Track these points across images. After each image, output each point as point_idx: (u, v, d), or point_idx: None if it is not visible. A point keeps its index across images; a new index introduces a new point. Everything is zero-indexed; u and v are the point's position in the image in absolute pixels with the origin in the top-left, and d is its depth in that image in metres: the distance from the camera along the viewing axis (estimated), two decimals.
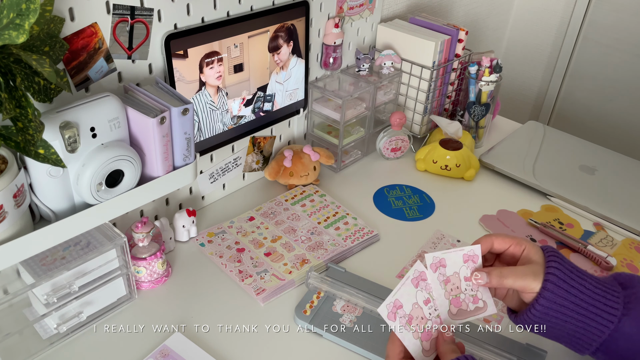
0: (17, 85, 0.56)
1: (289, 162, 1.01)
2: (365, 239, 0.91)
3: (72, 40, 0.69)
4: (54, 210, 0.68)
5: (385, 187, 1.06)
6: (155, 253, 0.78)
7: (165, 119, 0.70)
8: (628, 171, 1.11)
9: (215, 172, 0.96)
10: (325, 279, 0.79)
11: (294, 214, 0.96)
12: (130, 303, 0.78)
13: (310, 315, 0.76)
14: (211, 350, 0.72)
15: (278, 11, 0.90)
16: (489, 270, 0.63)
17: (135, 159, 0.70)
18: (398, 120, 1.08)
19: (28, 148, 0.58)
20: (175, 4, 0.78)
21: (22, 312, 0.72)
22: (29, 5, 0.51)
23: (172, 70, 0.79)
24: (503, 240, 0.66)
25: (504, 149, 1.16)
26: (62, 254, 0.70)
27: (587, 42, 1.64)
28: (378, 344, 0.72)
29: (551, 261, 0.63)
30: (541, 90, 1.80)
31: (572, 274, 0.62)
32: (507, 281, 0.62)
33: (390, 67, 1.10)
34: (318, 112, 1.07)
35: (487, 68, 1.11)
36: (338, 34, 1.03)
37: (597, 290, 0.62)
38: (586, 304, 0.61)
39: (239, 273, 0.83)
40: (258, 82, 0.93)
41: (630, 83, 1.60)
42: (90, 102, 0.66)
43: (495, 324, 0.77)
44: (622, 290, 0.63)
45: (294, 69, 0.97)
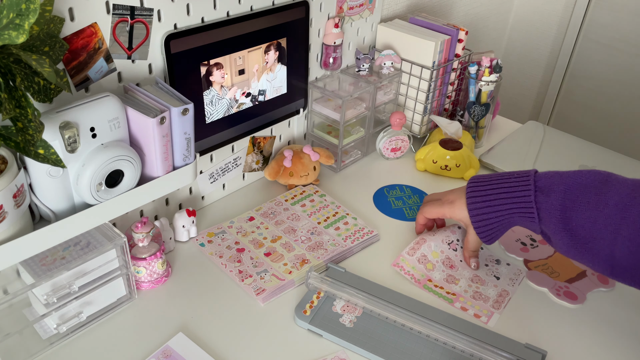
0: (17, 85, 0.56)
1: (289, 162, 1.01)
2: (365, 239, 0.91)
3: (72, 40, 0.69)
4: (54, 210, 0.68)
5: (385, 187, 1.06)
6: (155, 253, 0.78)
7: (165, 119, 0.70)
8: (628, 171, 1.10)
9: (215, 172, 0.96)
10: (325, 279, 0.79)
11: (294, 214, 0.96)
12: (130, 303, 0.78)
13: (310, 316, 0.76)
14: (210, 350, 0.72)
15: (278, 11, 0.90)
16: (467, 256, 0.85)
17: (135, 159, 0.70)
18: (398, 120, 1.08)
19: (28, 148, 0.58)
20: (175, 4, 0.78)
21: (22, 312, 0.72)
22: (29, 5, 0.51)
23: (172, 70, 0.79)
24: (430, 213, 0.87)
25: (504, 149, 1.16)
26: (62, 254, 0.70)
27: (587, 42, 1.64)
28: (378, 344, 0.72)
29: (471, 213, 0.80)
30: (541, 90, 1.80)
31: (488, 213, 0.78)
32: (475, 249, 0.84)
33: (390, 67, 1.10)
34: (318, 112, 1.07)
35: (487, 68, 1.11)
36: (338, 34, 1.03)
37: (513, 209, 0.76)
38: (512, 219, 0.77)
39: (239, 273, 0.83)
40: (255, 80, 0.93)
41: (630, 83, 1.60)
42: (90, 102, 0.66)
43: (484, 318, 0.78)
44: (535, 194, 0.75)
45: (278, 72, 0.98)
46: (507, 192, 0.77)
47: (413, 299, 0.79)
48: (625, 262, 0.68)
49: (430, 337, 0.73)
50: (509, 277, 0.84)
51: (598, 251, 0.70)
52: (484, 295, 0.81)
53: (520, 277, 0.84)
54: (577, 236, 0.71)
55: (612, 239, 0.68)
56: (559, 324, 0.78)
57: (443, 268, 0.84)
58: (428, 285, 0.82)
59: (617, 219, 0.68)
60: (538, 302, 0.81)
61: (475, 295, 0.81)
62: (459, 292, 0.81)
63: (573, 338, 0.76)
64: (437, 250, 0.86)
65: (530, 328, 0.77)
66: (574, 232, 0.71)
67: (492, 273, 0.84)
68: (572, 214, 0.71)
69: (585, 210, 0.70)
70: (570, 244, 0.72)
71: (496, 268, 0.85)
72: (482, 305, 0.79)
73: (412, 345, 0.72)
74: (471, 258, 0.85)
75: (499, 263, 0.86)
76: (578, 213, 0.71)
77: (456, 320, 0.76)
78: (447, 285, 0.82)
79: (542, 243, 0.92)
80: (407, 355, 0.71)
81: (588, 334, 0.77)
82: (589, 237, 0.70)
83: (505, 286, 0.82)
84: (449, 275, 0.84)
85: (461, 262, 0.85)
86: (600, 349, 0.75)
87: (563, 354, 0.74)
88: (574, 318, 0.79)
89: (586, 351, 0.75)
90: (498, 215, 0.78)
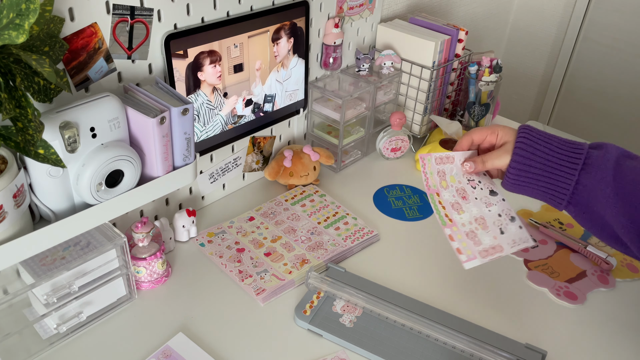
0: (17, 85, 0.56)
1: (289, 162, 1.01)
2: (365, 239, 0.91)
3: (72, 40, 0.69)
4: (54, 210, 0.68)
5: (385, 187, 1.06)
6: (155, 253, 0.78)
7: (165, 119, 0.70)
8: None
9: (215, 172, 0.96)
10: (325, 279, 0.79)
11: (294, 214, 0.96)
12: (130, 303, 0.78)
13: (310, 316, 0.76)
14: (210, 350, 0.71)
15: (278, 11, 0.90)
16: (474, 159, 0.77)
17: (135, 159, 0.70)
18: (398, 120, 1.08)
19: (28, 148, 0.58)
20: (175, 4, 0.78)
21: (22, 312, 0.72)
22: (29, 5, 0.51)
23: (172, 70, 0.79)
24: (480, 133, 0.78)
25: None
26: (62, 254, 0.70)
27: (587, 42, 1.64)
28: (378, 344, 0.72)
29: (520, 135, 0.73)
30: (541, 90, 1.80)
31: (539, 139, 0.73)
32: (488, 163, 0.76)
33: (390, 67, 1.10)
34: (318, 112, 1.07)
35: (487, 68, 1.11)
36: (338, 34, 1.03)
37: (561, 150, 0.72)
38: (550, 163, 0.72)
39: (239, 273, 0.83)
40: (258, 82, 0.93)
41: (630, 83, 1.60)
42: (90, 102, 0.66)
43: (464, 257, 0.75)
44: (589, 150, 0.71)
45: (294, 68, 0.97)
46: (561, 140, 0.74)
47: (413, 299, 0.79)
48: None
49: (430, 337, 0.73)
50: (512, 238, 0.76)
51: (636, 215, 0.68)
52: (477, 238, 0.75)
53: (524, 244, 0.75)
54: (619, 193, 0.69)
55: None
56: (559, 324, 0.78)
57: (454, 194, 0.78)
58: (434, 197, 0.77)
59: None
60: (538, 302, 0.81)
61: (470, 234, 0.76)
62: (456, 221, 0.76)
63: (573, 338, 0.76)
64: (456, 177, 0.79)
65: (530, 328, 0.77)
66: (618, 188, 0.69)
67: (500, 225, 0.77)
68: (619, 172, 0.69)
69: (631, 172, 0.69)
70: (611, 200, 0.69)
71: (507, 223, 0.77)
72: (470, 245, 0.74)
73: (412, 345, 0.72)
74: (472, 162, 0.77)
75: (512, 220, 0.77)
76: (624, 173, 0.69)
77: (456, 320, 0.76)
78: (449, 209, 0.77)
79: (543, 243, 0.92)
80: (407, 355, 0.71)
81: (588, 334, 0.77)
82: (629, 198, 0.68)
83: (503, 243, 0.75)
84: (457, 202, 0.78)
85: (475, 200, 0.78)
86: (600, 349, 0.75)
87: (563, 354, 0.74)
88: (574, 318, 0.79)
89: (586, 351, 0.75)
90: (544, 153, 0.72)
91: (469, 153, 0.79)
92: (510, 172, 0.74)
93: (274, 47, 0.85)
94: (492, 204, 0.79)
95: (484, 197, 0.79)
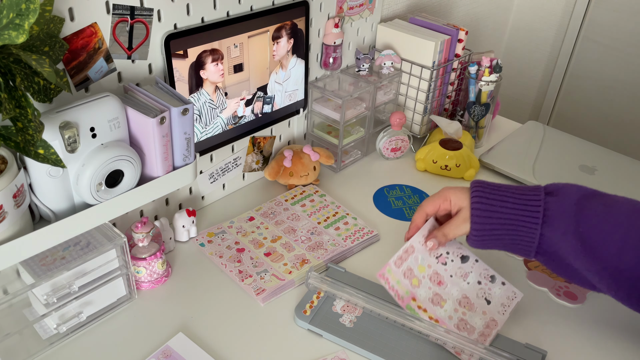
0: (17, 85, 0.56)
1: (289, 162, 1.01)
2: (365, 239, 0.91)
3: (72, 40, 0.69)
4: (54, 210, 0.68)
5: (385, 187, 1.06)
6: (155, 253, 0.78)
7: (165, 119, 0.70)
8: (628, 171, 1.11)
9: (215, 172, 0.96)
10: (325, 279, 0.79)
11: (293, 214, 0.96)
12: (130, 303, 0.78)
13: (310, 316, 0.76)
14: (210, 350, 0.71)
15: (278, 11, 0.90)
16: (435, 234, 0.76)
17: (135, 159, 0.70)
18: (398, 120, 1.08)
19: (28, 148, 0.58)
20: (175, 4, 0.78)
21: (22, 312, 0.72)
22: (29, 5, 0.51)
23: (172, 70, 0.79)
24: (432, 205, 0.78)
25: (504, 149, 1.16)
26: (62, 254, 0.70)
27: (587, 42, 1.64)
28: (378, 344, 0.72)
29: (474, 198, 0.73)
30: (541, 90, 1.80)
31: (494, 199, 0.73)
32: (450, 235, 0.76)
33: (390, 67, 1.10)
34: (318, 112, 1.07)
35: (487, 68, 1.11)
36: (338, 34, 1.03)
37: (518, 205, 0.71)
38: (510, 221, 0.71)
39: (239, 273, 0.83)
40: (258, 82, 0.93)
41: (630, 83, 1.60)
42: (90, 102, 0.66)
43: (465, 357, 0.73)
44: (545, 197, 0.71)
45: (293, 69, 0.97)
46: (515, 192, 0.72)
47: None
48: (630, 274, 0.66)
49: (430, 337, 0.73)
50: (500, 303, 0.77)
51: (605, 260, 0.67)
52: (469, 325, 0.74)
53: (514, 302, 0.77)
54: (586, 241, 0.68)
55: (620, 246, 0.66)
56: (559, 324, 0.78)
57: (430, 284, 0.77)
58: (411, 305, 0.75)
59: (626, 226, 0.67)
60: (538, 302, 0.81)
61: (460, 324, 0.74)
62: (442, 318, 0.74)
63: (573, 338, 0.76)
64: (424, 264, 0.77)
65: (530, 328, 0.77)
66: (583, 236, 0.68)
67: (484, 294, 0.77)
68: (581, 218, 0.68)
69: (594, 215, 0.68)
70: (579, 249, 0.68)
71: (489, 288, 0.78)
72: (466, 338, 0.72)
73: (412, 345, 0.72)
74: (434, 239, 0.76)
75: (493, 281, 0.78)
76: (587, 218, 0.68)
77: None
78: (431, 308, 0.75)
79: None
80: (407, 355, 0.71)
81: (588, 334, 0.77)
82: (596, 243, 0.68)
83: (494, 314, 0.75)
84: (435, 293, 0.76)
85: (451, 278, 0.78)
86: (600, 349, 0.75)
87: (563, 354, 0.74)
88: (574, 318, 0.79)
89: (586, 351, 0.75)
90: (502, 212, 0.71)
91: (426, 228, 0.78)
92: (472, 236, 0.74)
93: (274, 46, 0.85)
94: (468, 273, 0.79)
95: (458, 270, 0.78)
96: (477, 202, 0.73)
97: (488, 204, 0.72)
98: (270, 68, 0.93)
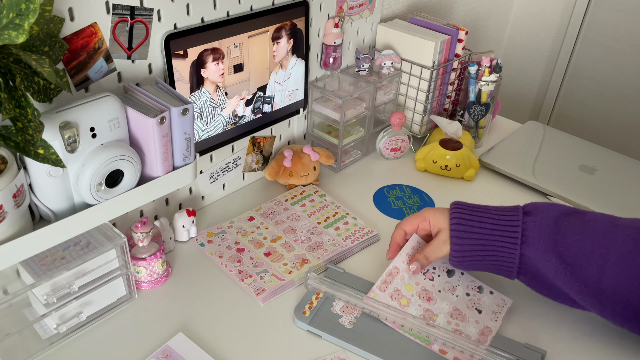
0: (17, 85, 0.56)
1: (289, 162, 1.01)
2: (365, 239, 0.91)
3: (72, 40, 0.69)
4: (54, 210, 0.68)
5: (385, 187, 1.06)
6: (155, 253, 0.78)
7: (165, 119, 0.70)
8: (628, 171, 1.11)
9: (215, 172, 0.96)
10: (324, 279, 0.79)
11: (293, 214, 0.96)
12: (130, 303, 0.78)
13: (309, 316, 0.76)
14: (210, 350, 0.72)
15: (278, 11, 0.90)
16: (417, 258, 0.78)
17: (135, 159, 0.70)
18: (398, 120, 1.08)
19: (28, 148, 0.58)
20: (175, 4, 0.78)
21: (22, 312, 0.72)
22: (29, 5, 0.51)
23: (172, 70, 0.79)
24: (410, 224, 0.80)
25: (503, 149, 1.16)
26: (62, 254, 0.70)
27: (587, 42, 1.64)
28: (377, 345, 0.72)
29: (452, 219, 0.74)
30: (541, 90, 1.80)
31: (472, 220, 0.73)
32: (431, 258, 0.77)
33: (390, 67, 1.10)
34: (318, 112, 1.07)
35: (487, 68, 1.11)
36: (338, 34, 1.03)
37: (496, 227, 0.72)
38: (490, 242, 0.72)
39: (238, 273, 0.83)
40: (258, 82, 0.93)
41: (630, 83, 1.60)
42: (90, 102, 0.66)
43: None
44: (523, 217, 0.72)
45: (293, 69, 0.97)
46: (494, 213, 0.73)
47: None
48: (612, 292, 0.67)
49: (430, 337, 0.73)
50: (491, 310, 0.77)
51: (587, 278, 0.67)
52: (464, 334, 0.74)
53: (504, 309, 0.78)
54: (566, 260, 0.68)
55: (600, 264, 0.67)
56: (559, 324, 0.78)
57: (419, 302, 0.77)
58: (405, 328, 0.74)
59: (604, 244, 0.67)
60: (538, 302, 0.81)
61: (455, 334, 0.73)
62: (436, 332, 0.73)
63: (572, 338, 0.76)
64: (411, 282, 0.78)
65: (530, 328, 0.77)
66: (563, 255, 0.68)
67: (474, 305, 0.78)
68: (560, 237, 0.69)
69: (572, 233, 0.69)
70: (559, 268, 0.69)
71: (478, 298, 0.78)
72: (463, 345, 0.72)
73: (411, 346, 0.72)
74: (417, 262, 0.77)
75: (481, 291, 0.79)
76: (566, 236, 0.69)
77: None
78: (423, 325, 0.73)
79: None
80: (406, 355, 0.71)
81: (588, 334, 0.77)
82: (576, 261, 0.68)
83: (487, 321, 0.76)
84: (426, 310, 0.76)
85: (439, 293, 0.78)
86: (600, 349, 0.75)
87: (563, 354, 0.74)
88: (574, 318, 0.79)
89: (586, 351, 0.75)
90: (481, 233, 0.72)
91: (409, 246, 0.80)
92: (453, 257, 0.75)
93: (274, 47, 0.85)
94: (456, 287, 0.80)
95: (445, 285, 0.80)
96: (455, 224, 0.74)
97: (467, 225, 0.73)
98: (270, 68, 0.93)
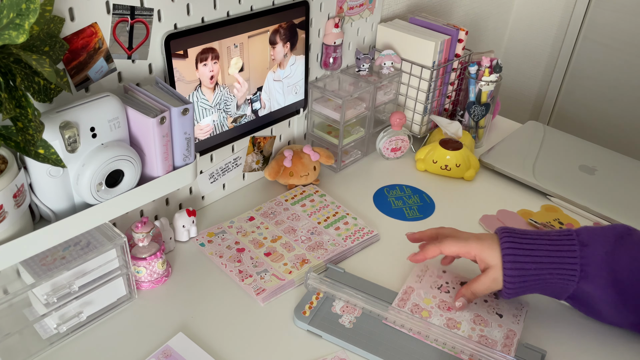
0: (17, 85, 0.56)
1: (289, 162, 1.01)
2: (365, 239, 0.91)
3: (72, 40, 0.69)
4: (54, 210, 0.68)
5: (385, 187, 1.06)
6: (155, 253, 0.78)
7: (165, 119, 0.70)
8: (628, 171, 1.11)
9: (215, 172, 0.96)
10: (324, 279, 0.79)
11: (294, 214, 0.96)
12: (130, 303, 0.78)
13: (309, 316, 0.76)
14: (210, 349, 0.72)
15: (278, 11, 0.90)
16: (463, 294, 0.76)
17: (135, 159, 0.70)
18: (398, 120, 1.08)
19: (28, 148, 0.58)
20: (175, 4, 0.78)
21: (22, 312, 0.72)
22: (29, 5, 0.51)
23: (172, 70, 0.79)
24: (451, 251, 0.77)
25: (504, 149, 1.16)
26: (62, 254, 0.70)
27: (587, 42, 1.64)
28: (377, 345, 0.72)
29: (505, 258, 0.71)
30: (541, 90, 1.80)
31: (526, 256, 0.71)
32: (479, 294, 0.75)
33: (390, 67, 1.10)
34: (318, 112, 1.07)
35: (487, 68, 1.11)
36: (338, 34, 1.03)
37: (553, 261, 0.70)
38: (546, 278, 0.70)
39: (239, 273, 0.83)
40: (258, 82, 0.93)
41: (630, 83, 1.60)
42: (90, 102, 0.66)
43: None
44: (580, 250, 0.70)
45: (293, 68, 0.97)
46: (549, 243, 0.71)
47: None
48: None
49: (430, 337, 0.73)
50: (512, 314, 0.77)
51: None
52: (490, 339, 0.73)
53: (524, 311, 0.78)
54: (625, 292, 0.68)
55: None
56: (559, 324, 0.78)
57: (440, 312, 0.77)
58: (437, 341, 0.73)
59: None
60: (538, 302, 0.81)
61: (481, 340, 0.73)
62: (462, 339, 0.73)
63: (573, 338, 0.76)
64: (428, 296, 0.79)
65: (530, 328, 0.77)
66: (623, 291, 0.67)
67: (494, 310, 0.78)
68: (617, 267, 0.67)
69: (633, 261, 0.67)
70: (617, 300, 0.68)
71: (496, 303, 0.79)
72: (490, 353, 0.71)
73: (411, 346, 0.72)
74: (463, 298, 0.77)
75: (497, 297, 0.80)
76: (621, 264, 0.67)
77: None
78: (449, 334, 0.73)
79: None
80: (406, 355, 0.71)
81: (588, 334, 0.77)
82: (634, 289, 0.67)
83: (510, 324, 0.76)
84: (448, 319, 0.76)
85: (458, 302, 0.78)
86: (600, 348, 0.75)
87: (563, 354, 0.74)
88: (574, 318, 0.79)
89: (586, 351, 0.75)
90: (537, 268, 0.70)
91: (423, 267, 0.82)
92: (506, 295, 0.73)
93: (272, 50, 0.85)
94: None
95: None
96: (509, 262, 0.71)
97: (522, 262, 0.70)
98: (270, 68, 0.93)
